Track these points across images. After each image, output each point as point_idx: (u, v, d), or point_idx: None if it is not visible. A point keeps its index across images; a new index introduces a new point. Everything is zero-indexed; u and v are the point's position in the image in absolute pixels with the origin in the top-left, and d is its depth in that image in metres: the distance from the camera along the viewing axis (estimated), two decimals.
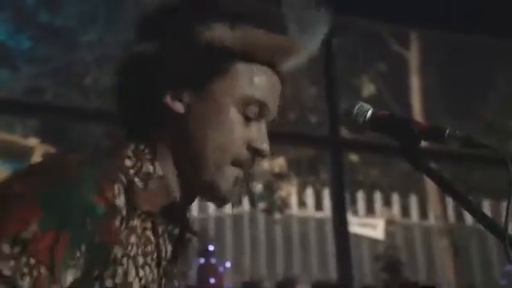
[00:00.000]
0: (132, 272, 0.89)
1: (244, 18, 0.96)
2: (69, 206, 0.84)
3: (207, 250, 3.31)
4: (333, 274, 3.85)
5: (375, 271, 4.19)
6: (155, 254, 0.93)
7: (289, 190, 5.90)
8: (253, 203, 5.69)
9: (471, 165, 4.88)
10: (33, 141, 5.22)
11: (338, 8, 1.08)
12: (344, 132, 4.35)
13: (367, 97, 6.05)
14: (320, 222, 5.71)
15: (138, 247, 0.90)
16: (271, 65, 0.98)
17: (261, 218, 5.69)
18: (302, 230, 5.77)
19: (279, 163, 5.80)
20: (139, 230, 0.91)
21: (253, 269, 5.34)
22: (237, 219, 5.67)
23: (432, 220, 6.16)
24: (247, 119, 0.96)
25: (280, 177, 5.76)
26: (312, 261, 5.62)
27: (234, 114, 0.95)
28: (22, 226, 0.81)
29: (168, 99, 0.95)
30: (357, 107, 1.01)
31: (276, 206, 5.59)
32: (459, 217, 6.13)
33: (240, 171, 0.96)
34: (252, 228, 5.67)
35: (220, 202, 0.97)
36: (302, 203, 5.94)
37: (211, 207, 5.76)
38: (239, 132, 0.95)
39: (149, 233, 0.92)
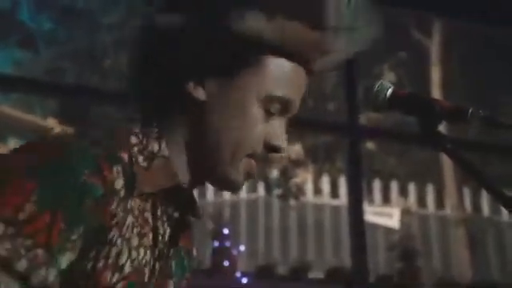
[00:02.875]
0: (125, 253, 0.87)
1: (282, 10, 0.90)
2: (66, 185, 0.82)
3: (221, 233, 3.31)
4: (347, 261, 3.84)
5: (390, 260, 4.17)
6: (151, 236, 0.91)
7: (305, 177, 5.89)
8: (268, 189, 5.69)
9: (490, 154, 4.83)
10: (51, 121, 5.26)
11: None
12: (362, 119, 4.33)
13: None
14: (335, 210, 5.70)
15: (133, 228, 0.88)
16: (303, 62, 0.94)
17: (276, 203, 5.69)
18: (317, 217, 5.77)
19: (296, 150, 5.79)
20: (136, 211, 0.89)
21: (267, 253, 5.36)
22: (252, 204, 5.68)
23: (448, 210, 6.13)
24: (269, 114, 0.93)
25: (296, 163, 5.75)
26: (326, 248, 5.61)
27: (257, 110, 0.92)
28: (20, 201, 0.79)
29: (190, 84, 0.92)
30: (377, 85, 0.99)
31: (291, 192, 5.58)
32: (476, 207, 6.09)
33: (253, 163, 0.94)
34: (267, 213, 5.67)
35: (229, 190, 0.97)
36: (317, 190, 5.93)
37: (226, 192, 5.77)
38: (259, 127, 0.92)
39: (147, 214, 0.90)
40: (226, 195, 5.75)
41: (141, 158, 0.90)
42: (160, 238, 0.92)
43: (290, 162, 5.69)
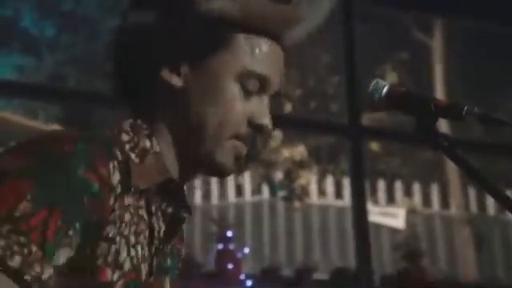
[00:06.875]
0: (124, 251, 0.87)
1: None
2: (63, 182, 0.82)
3: (226, 235, 3.31)
4: (352, 262, 3.83)
5: (395, 260, 4.17)
6: (147, 233, 0.91)
7: (309, 179, 5.89)
8: (273, 191, 5.69)
9: (495, 154, 4.81)
10: (55, 127, 5.26)
11: None
12: (365, 120, 4.32)
13: None
14: (340, 211, 5.69)
15: (130, 226, 0.88)
16: (274, 36, 0.95)
17: (280, 205, 5.68)
18: (322, 218, 5.76)
19: (299, 151, 5.79)
20: (132, 209, 0.89)
21: (272, 256, 5.35)
22: (256, 207, 5.67)
23: (453, 209, 6.11)
24: (248, 93, 0.93)
25: (300, 165, 5.74)
26: (331, 249, 5.60)
27: (234, 89, 0.92)
28: (15, 200, 0.79)
29: (165, 72, 0.92)
30: (373, 83, 0.98)
31: (296, 194, 5.58)
32: (481, 206, 6.07)
33: (242, 145, 0.93)
34: (271, 216, 5.67)
35: (219, 174, 0.95)
36: (322, 192, 5.93)
37: (231, 194, 5.78)
38: (239, 107, 0.92)
39: (142, 211, 0.90)
40: (231, 198, 5.75)
41: (133, 155, 0.90)
42: (156, 234, 0.92)
43: (294, 163, 5.69)
